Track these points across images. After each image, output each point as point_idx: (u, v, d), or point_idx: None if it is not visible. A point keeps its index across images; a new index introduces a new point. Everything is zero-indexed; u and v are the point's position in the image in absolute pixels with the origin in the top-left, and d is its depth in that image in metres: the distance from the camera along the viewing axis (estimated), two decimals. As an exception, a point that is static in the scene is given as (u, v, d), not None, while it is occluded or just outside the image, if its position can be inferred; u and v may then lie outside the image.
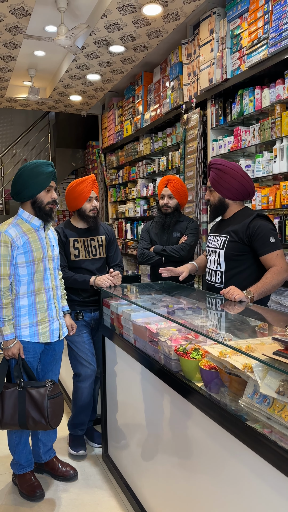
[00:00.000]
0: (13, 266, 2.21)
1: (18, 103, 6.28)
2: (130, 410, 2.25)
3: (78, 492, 2.40)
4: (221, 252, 2.30)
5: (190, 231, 3.07)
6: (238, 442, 1.31)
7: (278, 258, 2.15)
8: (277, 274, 2.10)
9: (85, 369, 2.69)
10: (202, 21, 3.62)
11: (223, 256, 2.29)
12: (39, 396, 2.19)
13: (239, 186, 2.29)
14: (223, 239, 2.32)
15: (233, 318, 2.06)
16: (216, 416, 1.41)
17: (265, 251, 2.16)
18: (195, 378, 1.63)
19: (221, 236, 2.35)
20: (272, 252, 2.15)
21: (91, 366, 2.70)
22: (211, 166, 2.34)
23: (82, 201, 2.68)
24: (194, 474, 1.61)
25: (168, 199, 3.08)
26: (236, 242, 2.25)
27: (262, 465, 1.21)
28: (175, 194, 3.07)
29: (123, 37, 4.04)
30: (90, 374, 2.70)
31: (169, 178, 3.10)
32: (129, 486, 2.28)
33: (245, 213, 2.33)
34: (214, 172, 2.32)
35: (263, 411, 1.22)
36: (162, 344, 1.83)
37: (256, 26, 3.03)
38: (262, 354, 1.25)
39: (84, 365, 2.69)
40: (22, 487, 2.39)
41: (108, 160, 6.50)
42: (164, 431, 1.85)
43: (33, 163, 2.27)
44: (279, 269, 2.12)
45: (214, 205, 2.39)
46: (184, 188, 3.12)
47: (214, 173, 2.32)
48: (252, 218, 2.24)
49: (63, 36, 3.67)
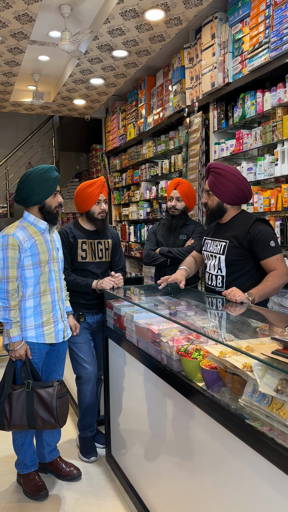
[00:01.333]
0: (20, 269, 2.25)
1: (22, 107, 6.35)
2: (133, 410, 2.28)
3: (81, 492, 2.43)
4: (222, 258, 2.31)
5: (196, 234, 3.10)
6: (239, 441, 1.33)
7: (278, 262, 2.19)
8: (278, 277, 2.15)
9: (85, 371, 2.71)
10: (204, 25, 3.66)
11: (224, 262, 2.30)
12: (48, 396, 2.22)
13: (237, 191, 2.29)
14: (223, 244, 2.33)
15: (235, 319, 2.08)
16: (217, 416, 1.43)
17: (266, 255, 2.20)
18: (197, 378, 1.66)
19: (220, 241, 2.35)
20: (272, 256, 2.19)
21: (91, 368, 2.73)
22: (210, 170, 2.34)
23: (91, 203, 2.70)
24: (196, 474, 1.63)
25: (176, 202, 3.11)
26: (237, 247, 2.27)
27: (262, 463, 1.23)
28: (183, 197, 3.10)
29: (126, 42, 4.08)
30: (91, 376, 2.72)
31: (179, 181, 3.13)
32: (132, 486, 2.30)
33: (243, 217, 2.34)
34: (213, 176, 2.32)
35: (262, 410, 1.25)
36: (164, 344, 1.86)
37: (257, 30, 3.06)
38: (261, 353, 1.27)
39: (84, 367, 2.72)
40: (26, 487, 2.42)
41: (112, 163, 6.54)
42: (167, 431, 1.87)
43: (40, 169, 2.30)
44: (280, 272, 2.16)
45: (212, 209, 2.38)
46: (193, 192, 3.15)
47: (213, 177, 2.32)
48: (252, 223, 2.25)
49: (66, 42, 3.72)
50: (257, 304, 2.15)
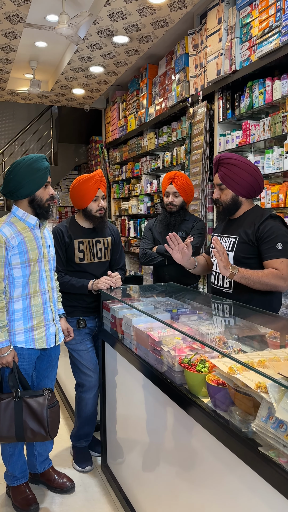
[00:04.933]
0: (7, 268, 2.07)
1: (19, 96, 6.13)
2: (130, 420, 2.12)
3: (75, 506, 2.27)
4: (231, 255, 2.12)
5: (196, 231, 2.90)
6: (249, 469, 1.17)
7: (282, 265, 1.99)
8: (272, 276, 1.97)
9: (88, 379, 2.53)
10: (210, 9, 3.45)
11: (232, 259, 2.11)
12: (38, 406, 2.05)
13: (253, 181, 2.10)
14: (232, 240, 2.15)
15: (242, 325, 1.92)
16: (225, 440, 1.27)
17: (269, 257, 2.01)
18: (201, 393, 1.49)
19: (229, 237, 2.17)
20: (277, 258, 1.99)
21: (95, 375, 2.54)
22: (222, 161, 2.13)
23: (88, 200, 2.48)
24: (196, 491, 1.48)
25: (173, 197, 2.89)
26: (246, 244, 2.09)
27: (273, 493, 1.08)
28: (180, 191, 2.89)
29: (127, 26, 3.88)
30: (94, 384, 2.54)
31: (174, 175, 2.91)
32: (128, 500, 2.15)
33: (256, 212, 2.15)
34: (226, 167, 2.12)
35: (279, 438, 1.08)
36: (165, 354, 1.69)
37: (267, 14, 2.87)
38: (278, 373, 1.10)
39: (87, 375, 2.53)
40: (16, 500, 2.26)
41: (111, 155, 6.35)
42: (166, 446, 1.71)
43: (29, 158, 2.11)
44: (279, 273, 1.97)
45: (226, 204, 2.17)
46: (190, 185, 2.94)
47: (225, 169, 2.12)
48: (264, 219, 2.06)
49: (64, 25, 3.52)
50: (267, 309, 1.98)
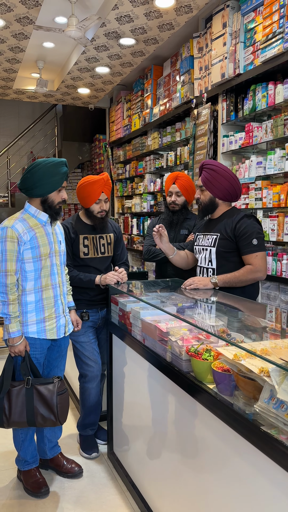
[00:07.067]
0: (19, 262, 2.18)
1: (25, 95, 6.23)
2: (136, 408, 2.23)
3: (83, 490, 2.39)
4: (213, 250, 2.42)
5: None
6: (253, 447, 1.28)
7: (257, 259, 2.29)
8: (249, 272, 2.28)
9: (91, 369, 2.66)
10: (215, 14, 3.55)
11: (214, 253, 2.41)
12: (48, 392, 2.17)
13: (229, 187, 2.42)
14: (214, 237, 2.44)
15: (243, 318, 2.03)
16: (230, 421, 1.38)
17: (246, 252, 2.31)
18: (207, 379, 1.60)
19: (212, 235, 2.46)
20: (252, 253, 2.30)
21: (97, 366, 2.67)
22: (204, 167, 2.46)
23: (91, 202, 2.63)
24: (202, 476, 1.58)
25: (176, 197, 3.04)
26: (226, 240, 2.37)
27: (275, 469, 1.19)
28: (183, 191, 3.03)
29: (134, 29, 3.97)
30: (96, 374, 2.67)
31: (177, 175, 3.05)
32: (134, 484, 2.26)
33: (233, 212, 2.46)
34: (207, 172, 2.44)
35: (280, 417, 1.19)
36: (172, 343, 1.80)
37: (271, 20, 2.97)
38: (280, 358, 1.21)
39: (90, 366, 2.66)
40: (27, 483, 2.38)
41: (115, 154, 6.45)
42: (172, 432, 1.82)
43: (50, 161, 2.21)
44: (253, 268, 2.28)
45: (204, 204, 2.49)
46: (192, 185, 3.07)
47: (207, 173, 2.44)
48: (240, 218, 2.36)
49: (73, 28, 3.61)
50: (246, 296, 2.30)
